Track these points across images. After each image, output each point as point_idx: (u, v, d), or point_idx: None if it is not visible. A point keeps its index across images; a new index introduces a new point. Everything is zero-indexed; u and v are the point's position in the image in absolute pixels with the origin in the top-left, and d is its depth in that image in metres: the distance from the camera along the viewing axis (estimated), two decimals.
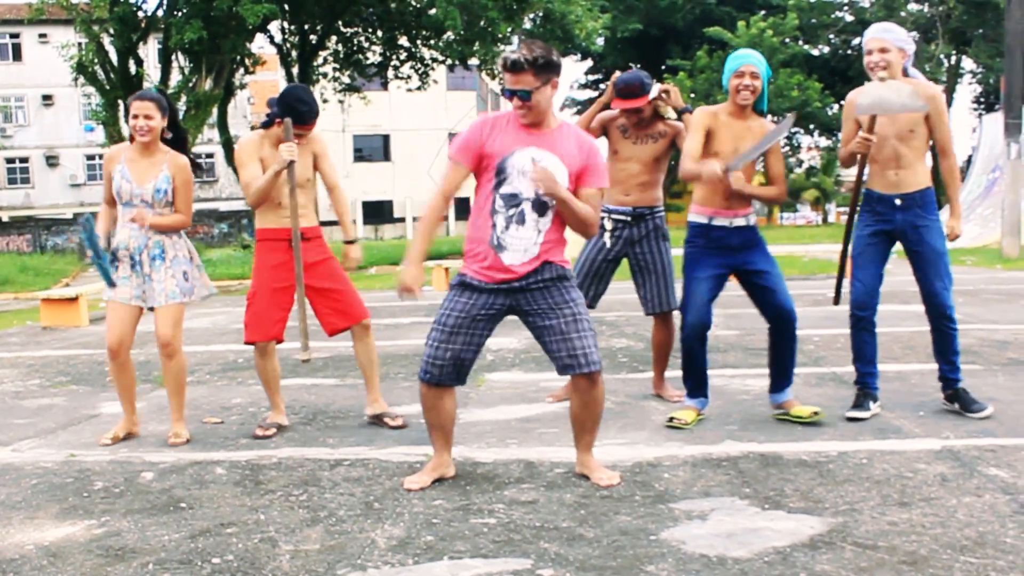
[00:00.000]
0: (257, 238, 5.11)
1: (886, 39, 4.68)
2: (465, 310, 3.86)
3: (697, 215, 4.83)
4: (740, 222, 4.78)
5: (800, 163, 50.63)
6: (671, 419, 4.89)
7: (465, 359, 3.92)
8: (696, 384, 4.95)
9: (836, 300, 5.37)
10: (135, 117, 4.78)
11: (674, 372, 5.95)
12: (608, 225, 5.37)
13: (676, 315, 5.29)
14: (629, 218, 5.37)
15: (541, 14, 26.49)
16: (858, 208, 4.98)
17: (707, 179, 4.62)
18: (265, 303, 5.01)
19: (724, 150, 4.71)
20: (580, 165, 3.85)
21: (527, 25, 27.71)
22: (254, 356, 5.16)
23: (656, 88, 5.25)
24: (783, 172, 4.98)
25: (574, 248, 4.56)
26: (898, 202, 4.78)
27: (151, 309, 4.92)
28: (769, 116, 4.99)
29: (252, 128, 5.38)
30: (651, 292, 5.42)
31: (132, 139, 4.86)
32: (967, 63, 43.75)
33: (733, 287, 4.96)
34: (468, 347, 3.90)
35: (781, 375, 4.95)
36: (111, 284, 4.83)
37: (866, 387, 4.99)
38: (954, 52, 40.27)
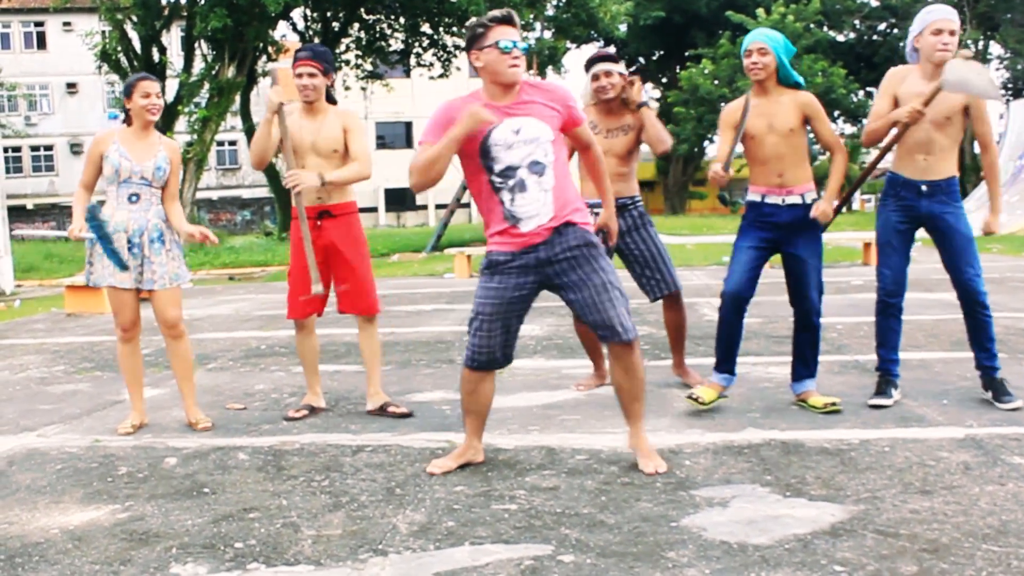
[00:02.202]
0: (292, 216, 5.10)
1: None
2: (499, 295, 3.86)
3: (752, 194, 4.87)
4: (793, 200, 4.76)
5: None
6: (691, 395, 4.89)
7: (509, 341, 3.97)
8: (725, 356, 4.94)
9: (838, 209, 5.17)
10: (147, 96, 4.79)
11: (694, 360, 5.96)
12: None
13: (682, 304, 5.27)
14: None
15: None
16: (869, 192, 4.97)
17: (711, 181, 4.66)
18: (296, 280, 5.06)
19: (758, 128, 4.74)
20: (564, 117, 3.85)
21: (550, 12, 27.64)
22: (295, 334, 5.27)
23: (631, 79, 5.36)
24: (833, 136, 4.84)
25: None
26: (924, 188, 4.75)
27: (141, 291, 4.93)
28: None
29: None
30: (651, 279, 5.42)
31: (129, 122, 4.86)
32: (995, 48, 43.29)
33: (769, 273, 4.92)
34: (509, 330, 3.94)
35: (800, 366, 4.95)
36: (124, 267, 4.80)
37: (888, 374, 4.97)
38: (982, 37, 39.84)
